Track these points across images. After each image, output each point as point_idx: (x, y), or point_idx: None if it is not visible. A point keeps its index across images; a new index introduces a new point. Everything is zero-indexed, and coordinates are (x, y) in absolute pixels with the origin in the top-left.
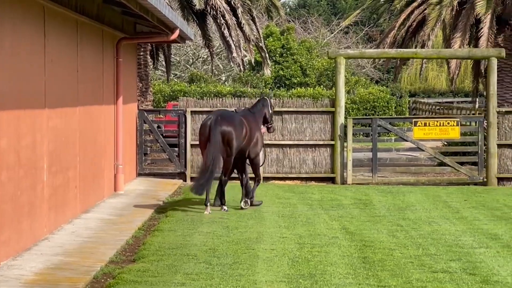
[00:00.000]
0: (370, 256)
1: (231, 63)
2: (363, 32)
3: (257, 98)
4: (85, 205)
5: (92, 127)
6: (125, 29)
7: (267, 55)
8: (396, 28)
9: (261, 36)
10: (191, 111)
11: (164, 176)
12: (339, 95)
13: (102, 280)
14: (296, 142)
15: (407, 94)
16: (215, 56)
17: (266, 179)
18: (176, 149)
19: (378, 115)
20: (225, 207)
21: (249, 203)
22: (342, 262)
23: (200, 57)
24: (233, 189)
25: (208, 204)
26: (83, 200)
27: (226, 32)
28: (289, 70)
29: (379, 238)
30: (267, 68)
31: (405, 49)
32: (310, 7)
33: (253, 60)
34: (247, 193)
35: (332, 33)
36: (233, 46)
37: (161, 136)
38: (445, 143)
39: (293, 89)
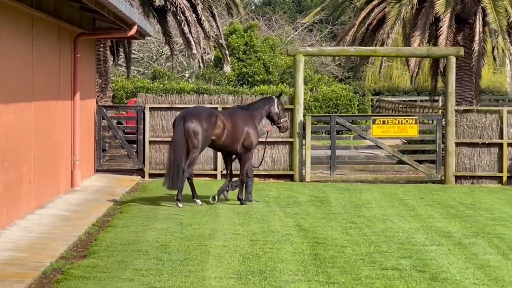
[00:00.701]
0: (321, 253)
1: (191, 60)
2: (327, 30)
3: (219, 95)
4: (40, 201)
5: (48, 123)
6: (84, 25)
7: (227, 52)
8: (356, 26)
9: (221, 33)
10: (150, 108)
11: (123, 173)
12: (298, 92)
13: (51, 276)
14: None
15: (372, 92)
16: (177, 53)
17: (225, 175)
18: (135, 145)
19: (340, 113)
20: (198, 201)
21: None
22: (293, 259)
23: (163, 54)
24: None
25: (180, 198)
26: (37, 196)
27: (186, 28)
28: (252, 67)
29: (332, 235)
30: (227, 65)
31: (364, 47)
32: (275, 5)
33: (212, 57)
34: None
35: (297, 30)
36: (192, 42)
37: (119, 133)
38: (405, 141)
39: (256, 86)
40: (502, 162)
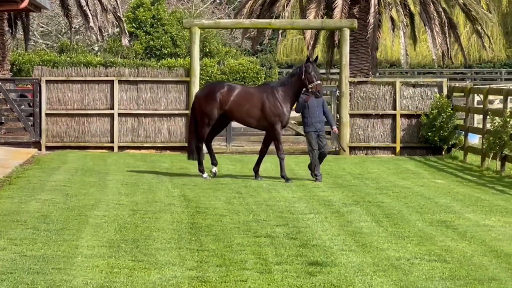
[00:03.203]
0: (199, 222)
1: (88, 32)
2: (237, 2)
3: (115, 68)
4: None
5: None
6: None
7: (124, 25)
8: None
9: (119, 5)
10: (46, 80)
11: (20, 145)
12: (194, 65)
13: None
14: (151, 112)
15: (285, 65)
16: (77, 27)
17: (121, 148)
18: (32, 118)
19: (248, 85)
20: (204, 174)
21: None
22: (169, 228)
23: (73, 27)
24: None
25: (201, 169)
26: None
27: (83, 1)
28: (159, 40)
29: (214, 205)
30: (125, 38)
31: (259, 20)
32: None
33: (110, 30)
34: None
35: (205, 4)
36: (90, 15)
37: (15, 105)
38: None
39: (163, 59)
40: (396, 133)
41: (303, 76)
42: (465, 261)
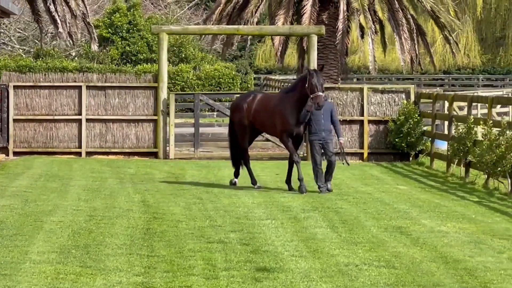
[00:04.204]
0: (154, 227)
1: (58, 38)
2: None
3: (83, 74)
4: None
5: None
6: None
7: (94, 30)
8: (222, 4)
9: (88, 11)
10: (14, 86)
11: None
12: (162, 70)
13: None
14: (119, 117)
15: (264, 71)
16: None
17: (89, 153)
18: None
19: (223, 91)
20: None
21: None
22: (123, 234)
23: (49, 33)
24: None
25: (236, 177)
26: None
27: (52, 7)
28: (135, 46)
29: (173, 210)
30: (94, 43)
31: (227, 26)
32: None
33: (79, 36)
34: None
35: (183, 9)
36: (58, 21)
37: None
38: None
39: (139, 65)
40: (363, 139)
41: (306, 85)
42: (413, 267)
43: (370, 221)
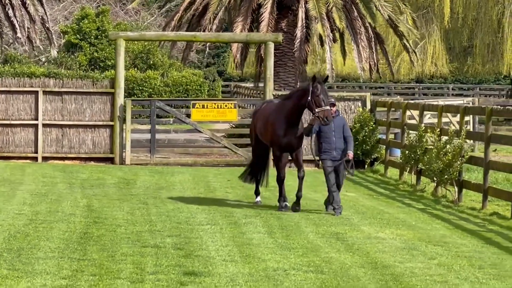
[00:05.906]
0: (92, 232)
1: (16, 43)
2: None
3: (41, 78)
4: None
5: None
6: None
7: (53, 36)
8: (180, 12)
9: (48, 17)
10: None
11: None
12: (119, 76)
13: None
14: (76, 123)
15: (237, 78)
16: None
17: (46, 158)
18: None
19: (191, 98)
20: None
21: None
22: (59, 237)
23: (18, 38)
24: None
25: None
26: None
27: (10, 12)
28: (104, 52)
29: (115, 215)
30: (54, 48)
31: (184, 32)
32: None
33: (37, 41)
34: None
35: (153, 16)
36: (17, 26)
37: None
38: (233, 125)
39: (107, 71)
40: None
41: (309, 98)
42: (340, 273)
43: (310, 227)
